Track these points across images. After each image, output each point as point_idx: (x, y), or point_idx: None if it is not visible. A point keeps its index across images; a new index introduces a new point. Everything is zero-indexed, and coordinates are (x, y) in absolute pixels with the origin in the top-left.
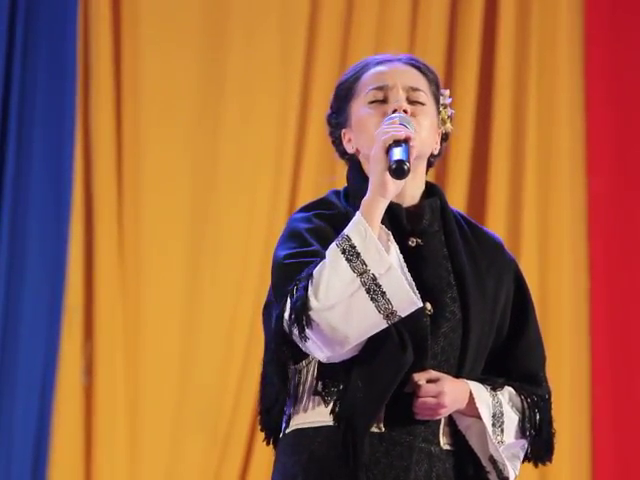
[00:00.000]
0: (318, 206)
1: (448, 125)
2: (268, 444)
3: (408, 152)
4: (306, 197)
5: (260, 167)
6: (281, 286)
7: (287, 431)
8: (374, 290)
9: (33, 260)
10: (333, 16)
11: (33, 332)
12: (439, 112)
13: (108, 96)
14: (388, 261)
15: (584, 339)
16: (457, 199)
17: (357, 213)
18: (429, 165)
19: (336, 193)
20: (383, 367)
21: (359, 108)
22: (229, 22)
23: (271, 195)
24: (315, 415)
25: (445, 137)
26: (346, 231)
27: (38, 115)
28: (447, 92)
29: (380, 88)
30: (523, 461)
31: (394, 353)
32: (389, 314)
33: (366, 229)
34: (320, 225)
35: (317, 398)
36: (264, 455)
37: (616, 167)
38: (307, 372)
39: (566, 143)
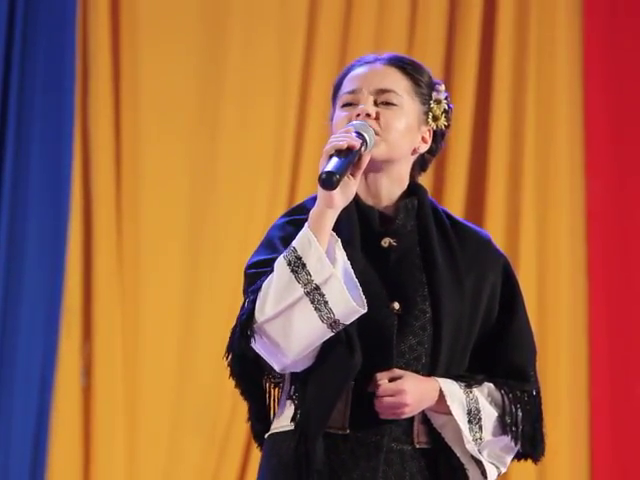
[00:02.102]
0: (294, 212)
1: (442, 121)
2: (261, 450)
3: (347, 162)
4: (305, 198)
5: (259, 168)
6: (244, 296)
7: (266, 435)
8: (318, 300)
9: (32, 261)
10: (332, 17)
11: (32, 333)
12: (429, 109)
13: (107, 98)
14: (329, 270)
15: (582, 339)
16: (455, 201)
17: (305, 224)
18: (423, 164)
19: (315, 199)
20: (332, 371)
21: (337, 111)
22: (228, 24)
23: (270, 196)
24: (285, 419)
25: (441, 134)
26: (293, 243)
27: (37, 117)
28: (442, 87)
29: (351, 92)
30: (517, 459)
31: (342, 357)
32: (332, 323)
33: (311, 240)
34: (292, 232)
35: (289, 402)
36: None
37: (614, 169)
38: (286, 378)
39: (565, 145)
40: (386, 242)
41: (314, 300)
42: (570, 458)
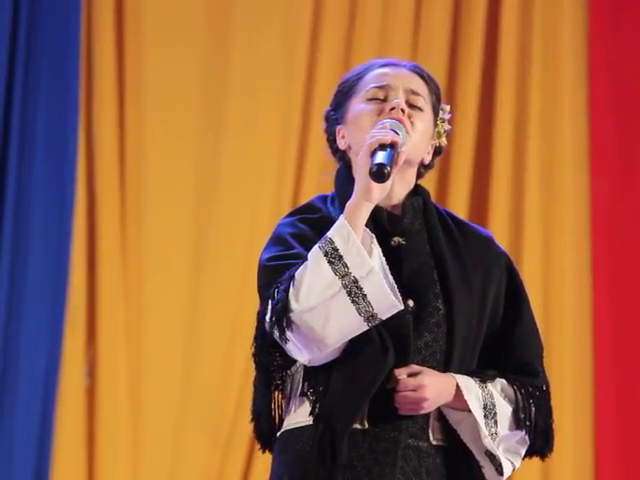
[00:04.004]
0: (303, 211)
1: (443, 139)
2: (263, 452)
3: (392, 156)
4: (309, 198)
5: (263, 168)
6: (264, 288)
7: (278, 433)
8: (355, 293)
9: (36, 261)
10: (336, 18)
11: (36, 333)
12: (436, 124)
13: (111, 96)
14: (370, 264)
15: (587, 338)
16: (460, 200)
17: (341, 216)
18: (419, 176)
19: (322, 198)
20: (364, 368)
21: (357, 104)
22: (232, 22)
23: (274, 196)
24: (300, 415)
25: (438, 151)
26: (329, 234)
27: (41, 115)
28: (448, 107)
29: (381, 87)
30: (525, 456)
31: (375, 355)
32: (370, 317)
33: (349, 232)
34: (304, 229)
35: (303, 399)
36: (266, 456)
37: (619, 167)
38: (297, 374)
39: (569, 143)
40: (395, 241)
41: (351, 293)
42: (574, 459)
